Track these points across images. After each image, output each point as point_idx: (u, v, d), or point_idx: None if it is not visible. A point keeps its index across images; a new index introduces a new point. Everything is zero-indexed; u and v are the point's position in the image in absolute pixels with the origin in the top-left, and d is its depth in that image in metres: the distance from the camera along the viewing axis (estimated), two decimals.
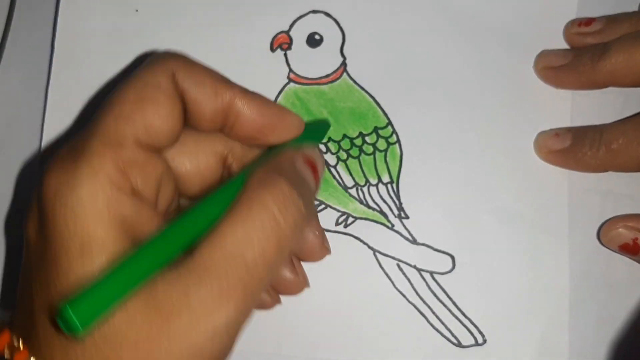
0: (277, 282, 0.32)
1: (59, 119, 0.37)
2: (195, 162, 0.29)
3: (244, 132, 0.28)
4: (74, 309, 0.21)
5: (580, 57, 0.34)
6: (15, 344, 0.24)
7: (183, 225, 0.24)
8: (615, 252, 0.33)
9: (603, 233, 0.33)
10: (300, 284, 0.32)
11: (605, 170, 0.33)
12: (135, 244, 0.24)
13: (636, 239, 0.32)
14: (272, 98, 0.36)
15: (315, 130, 0.33)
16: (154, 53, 0.28)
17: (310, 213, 0.28)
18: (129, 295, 0.22)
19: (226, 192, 0.26)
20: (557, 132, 0.34)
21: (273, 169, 0.27)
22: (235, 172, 0.30)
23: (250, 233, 0.24)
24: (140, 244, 0.23)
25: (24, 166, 0.37)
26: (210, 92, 0.27)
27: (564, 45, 0.36)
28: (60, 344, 0.23)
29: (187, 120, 0.27)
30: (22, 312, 0.25)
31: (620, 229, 0.32)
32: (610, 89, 0.34)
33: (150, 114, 0.25)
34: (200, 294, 0.23)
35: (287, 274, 0.31)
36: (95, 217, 0.23)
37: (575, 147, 0.33)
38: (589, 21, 0.35)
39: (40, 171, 0.25)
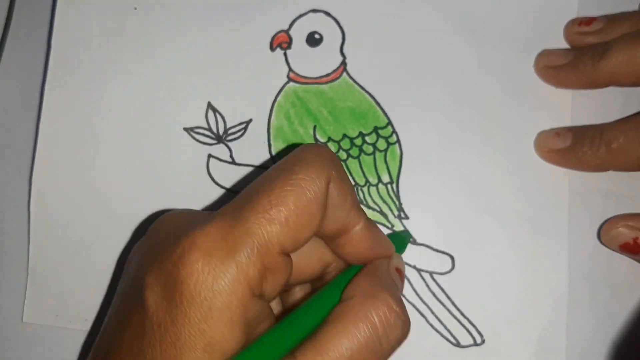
0: None
1: (55, 118, 0.37)
2: (303, 261, 0.28)
3: (348, 254, 0.28)
4: None
5: (581, 57, 0.34)
6: None
7: (285, 331, 0.25)
8: (615, 251, 0.33)
9: (603, 232, 0.33)
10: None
11: (605, 169, 0.33)
12: (250, 340, 0.24)
13: (637, 238, 0.32)
14: (272, 98, 0.36)
15: (398, 241, 0.33)
16: (311, 146, 0.27)
17: (409, 327, 0.27)
18: None
19: (327, 296, 0.26)
20: (558, 132, 0.34)
21: (376, 280, 0.27)
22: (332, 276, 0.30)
23: (352, 347, 0.24)
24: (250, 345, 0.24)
25: (18, 166, 0.37)
26: (345, 213, 0.27)
27: (564, 44, 0.36)
28: None
29: None
30: None
31: (620, 228, 0.32)
32: (610, 88, 0.34)
33: (302, 225, 0.25)
34: None
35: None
36: (228, 319, 0.23)
37: (575, 147, 0.33)
38: (589, 20, 0.35)
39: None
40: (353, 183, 0.35)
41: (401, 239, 0.33)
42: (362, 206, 0.35)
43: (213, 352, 0.23)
